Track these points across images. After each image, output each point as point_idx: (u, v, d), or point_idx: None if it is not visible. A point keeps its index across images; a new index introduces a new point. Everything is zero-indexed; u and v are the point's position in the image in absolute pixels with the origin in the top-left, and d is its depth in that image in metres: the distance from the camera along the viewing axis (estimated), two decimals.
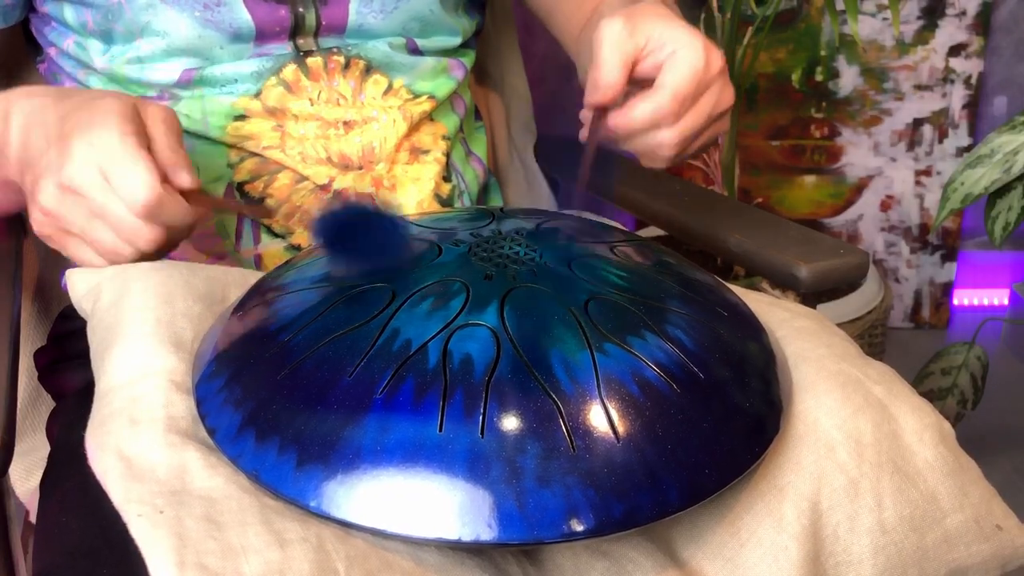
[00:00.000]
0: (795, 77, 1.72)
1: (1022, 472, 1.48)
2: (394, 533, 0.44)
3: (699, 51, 0.58)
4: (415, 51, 0.75)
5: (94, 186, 0.55)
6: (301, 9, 0.70)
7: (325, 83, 0.72)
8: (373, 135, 0.73)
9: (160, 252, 0.59)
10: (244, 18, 0.68)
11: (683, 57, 0.58)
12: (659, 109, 0.58)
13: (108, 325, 0.58)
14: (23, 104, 0.60)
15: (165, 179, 0.57)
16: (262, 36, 0.69)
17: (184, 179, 0.58)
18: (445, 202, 0.77)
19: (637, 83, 0.60)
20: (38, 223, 0.58)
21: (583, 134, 0.63)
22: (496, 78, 1.00)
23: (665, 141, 0.60)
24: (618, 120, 0.59)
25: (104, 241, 0.57)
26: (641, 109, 0.59)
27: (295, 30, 0.70)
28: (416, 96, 0.75)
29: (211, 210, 0.60)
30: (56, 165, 0.56)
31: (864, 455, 0.53)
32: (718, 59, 0.59)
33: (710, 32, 1.64)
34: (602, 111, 0.60)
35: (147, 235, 0.56)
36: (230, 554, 0.42)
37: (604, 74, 0.59)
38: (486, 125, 0.97)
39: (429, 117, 0.77)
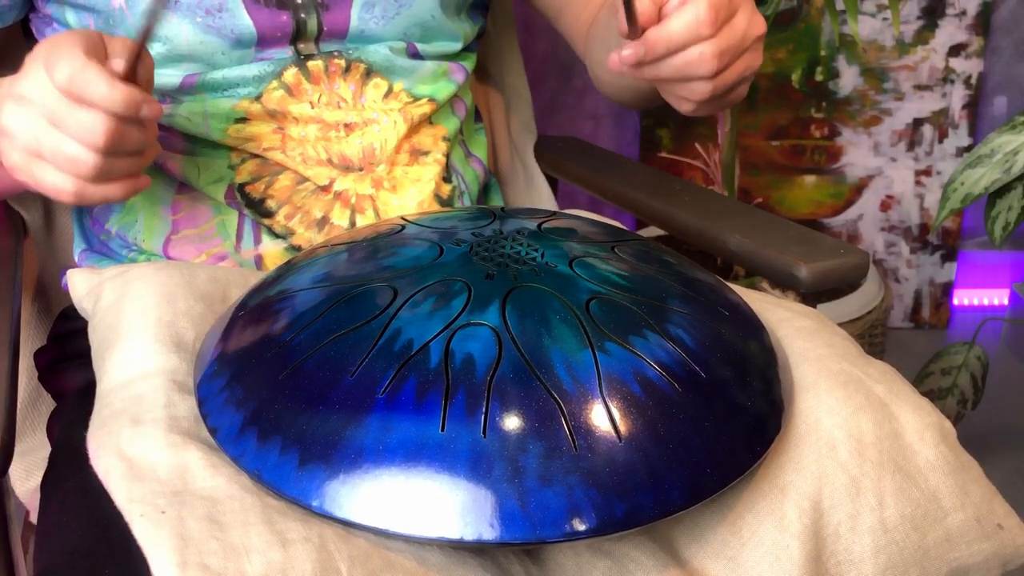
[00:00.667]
0: (795, 77, 1.72)
1: (1022, 472, 1.48)
2: (396, 533, 0.44)
3: None
4: (416, 55, 0.75)
5: (37, 86, 0.54)
6: (303, 15, 0.70)
7: (326, 86, 0.72)
8: (374, 137, 0.73)
9: (121, 163, 0.57)
10: (246, 24, 0.68)
11: None
12: (698, 17, 0.55)
13: (109, 325, 0.58)
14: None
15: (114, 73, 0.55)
16: (263, 42, 0.69)
17: (116, 64, 0.55)
18: (445, 202, 0.77)
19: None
20: (5, 151, 0.57)
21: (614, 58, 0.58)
22: (496, 78, 1.00)
23: (706, 55, 0.56)
24: (658, 34, 0.55)
25: (61, 148, 0.55)
26: (680, 18, 0.55)
27: (296, 35, 0.70)
28: (416, 99, 0.75)
29: (152, 100, 0.56)
30: (11, 84, 0.56)
31: (865, 454, 0.53)
32: None
33: None
34: (638, 35, 0.56)
35: (87, 122, 0.54)
36: (232, 554, 0.42)
37: None
38: (486, 126, 0.97)
39: (429, 120, 0.77)
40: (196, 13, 0.67)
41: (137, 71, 0.56)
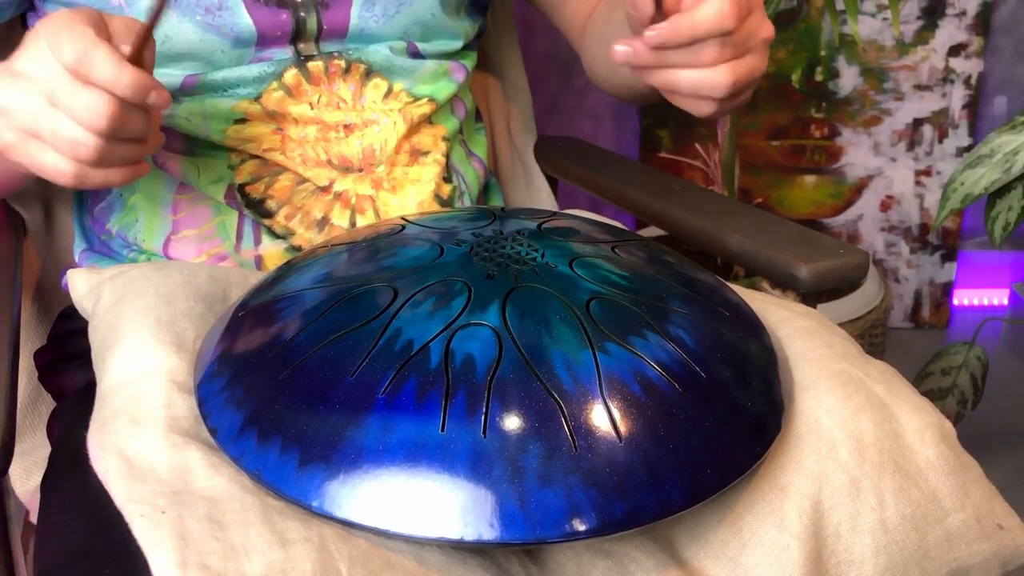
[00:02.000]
0: (795, 77, 1.72)
1: (1022, 472, 1.48)
2: (396, 533, 0.44)
3: None
4: (416, 55, 0.75)
5: (37, 61, 0.53)
6: (303, 14, 0.70)
7: (325, 87, 0.72)
8: (373, 137, 0.73)
9: (120, 150, 0.55)
10: (246, 23, 0.68)
11: None
12: (722, 9, 0.54)
13: (109, 325, 0.58)
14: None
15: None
16: (263, 41, 0.69)
17: (123, 48, 0.54)
18: (446, 203, 0.77)
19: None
20: (4, 137, 0.55)
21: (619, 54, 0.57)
22: (496, 78, 1.00)
23: (726, 51, 0.55)
24: (682, 21, 0.54)
25: (59, 130, 0.53)
26: (707, 8, 0.54)
27: (296, 35, 0.70)
28: (416, 99, 0.75)
29: (158, 83, 0.55)
30: (9, 62, 0.55)
31: (865, 454, 0.53)
32: None
33: None
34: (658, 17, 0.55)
35: (92, 105, 0.52)
36: (232, 554, 0.42)
37: None
38: (486, 125, 0.97)
39: (429, 120, 0.77)
40: (196, 11, 0.67)
41: (143, 56, 0.55)
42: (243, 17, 0.68)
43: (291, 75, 0.70)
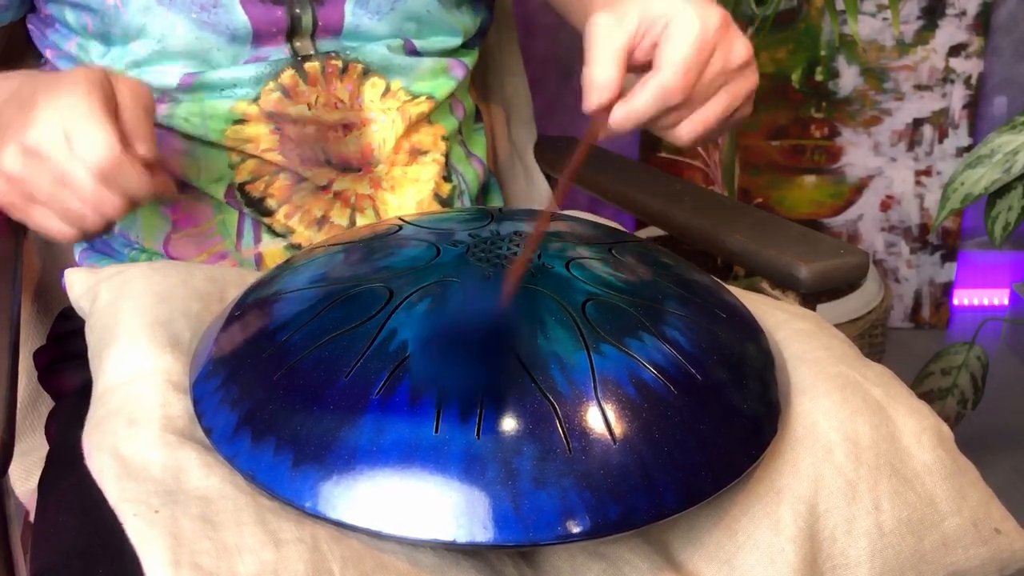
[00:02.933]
0: (795, 77, 1.72)
1: (1022, 473, 1.48)
2: (389, 534, 0.44)
3: (694, 15, 0.53)
4: (413, 52, 0.75)
5: (56, 147, 0.54)
6: (297, 10, 0.70)
7: (323, 88, 0.72)
8: (372, 136, 0.73)
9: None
10: (241, 19, 0.68)
11: (679, 26, 0.53)
12: (663, 89, 0.53)
13: (106, 324, 0.58)
14: None
15: (128, 147, 0.56)
16: (259, 38, 0.69)
17: (142, 148, 0.56)
18: (445, 202, 0.77)
19: (644, 69, 0.55)
20: (2, 192, 0.57)
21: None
22: (496, 78, 0.99)
23: (682, 119, 0.55)
24: (619, 114, 0.54)
25: (68, 206, 0.55)
26: (643, 97, 0.53)
27: (292, 32, 0.70)
28: (414, 97, 0.75)
29: (170, 182, 0.59)
30: (20, 128, 0.55)
31: (862, 457, 0.53)
32: (715, 16, 0.54)
33: None
34: (604, 111, 0.55)
35: (107, 200, 0.55)
36: (225, 554, 0.42)
37: (597, 73, 0.53)
38: (486, 125, 0.97)
39: (428, 119, 0.77)
40: (191, 9, 0.67)
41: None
42: (238, 14, 0.68)
43: (288, 75, 0.70)
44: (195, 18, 0.67)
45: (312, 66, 0.71)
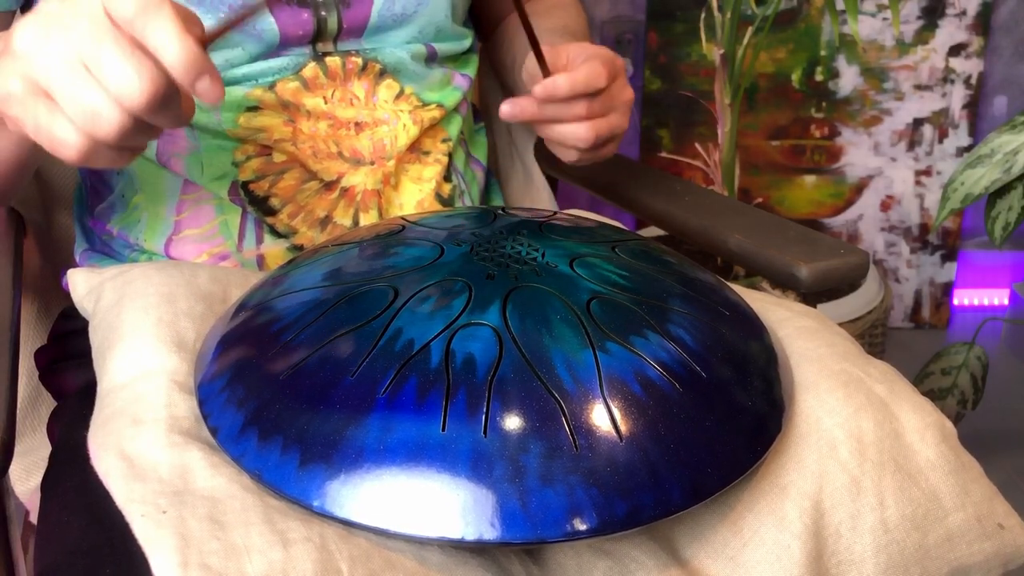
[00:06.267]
0: (795, 77, 1.72)
1: (1022, 472, 1.48)
2: (397, 532, 0.44)
3: (609, 51, 0.68)
4: (432, 57, 0.76)
5: (84, 13, 0.44)
6: (323, 13, 0.70)
7: (341, 83, 0.72)
8: (384, 135, 0.73)
9: (138, 136, 0.48)
10: (268, 21, 0.68)
11: (598, 50, 0.68)
12: (597, 71, 0.65)
13: (110, 325, 0.58)
14: None
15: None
16: (286, 41, 0.69)
17: (197, 31, 0.47)
18: (446, 201, 0.77)
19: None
20: (5, 85, 0.47)
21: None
22: (496, 78, 1.00)
23: (593, 108, 0.66)
24: (562, 79, 0.64)
25: (87, 98, 0.45)
26: (584, 69, 0.65)
27: (316, 36, 0.70)
28: (425, 104, 0.76)
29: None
30: (42, 6, 0.46)
31: (866, 454, 0.53)
32: (622, 59, 0.70)
33: (710, 32, 1.64)
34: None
35: (147, 83, 0.44)
36: (233, 554, 0.42)
37: (529, 63, 0.69)
38: (486, 125, 0.97)
39: (436, 123, 0.78)
40: (219, 9, 0.67)
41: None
42: (265, 16, 0.68)
43: (309, 68, 0.71)
44: (223, 19, 0.67)
45: (333, 60, 0.71)
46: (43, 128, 0.47)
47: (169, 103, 0.47)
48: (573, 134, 0.67)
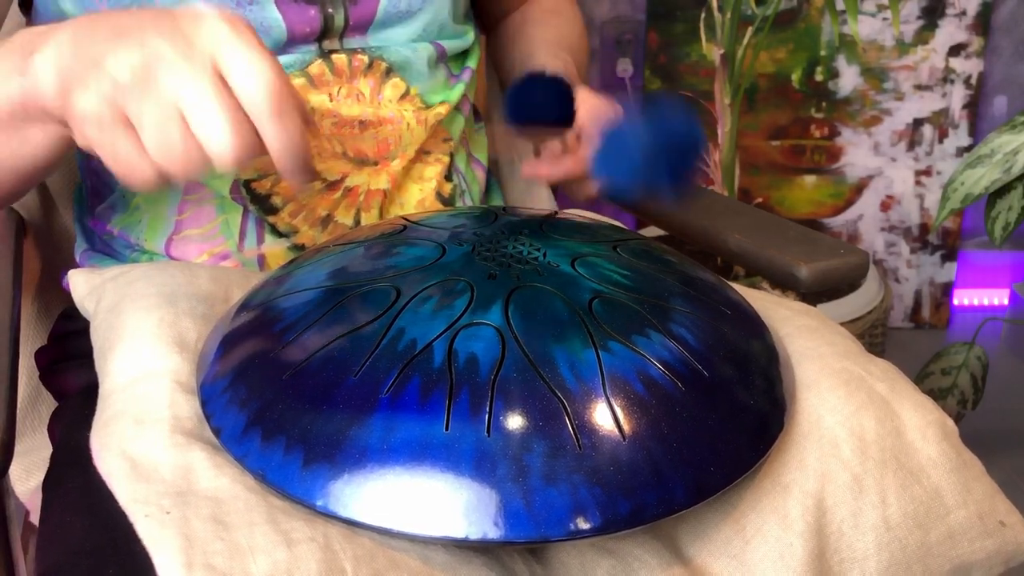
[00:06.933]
0: (795, 77, 1.72)
1: (1022, 472, 1.48)
2: (401, 532, 0.44)
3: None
4: (441, 56, 0.76)
5: (178, 44, 0.43)
6: (330, 9, 0.70)
7: (347, 80, 0.72)
8: (388, 133, 0.73)
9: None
10: (275, 17, 0.68)
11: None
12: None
13: (111, 326, 0.58)
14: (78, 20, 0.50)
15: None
16: (293, 38, 0.69)
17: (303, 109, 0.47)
18: (447, 201, 0.77)
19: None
20: (89, 104, 0.45)
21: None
22: (496, 78, 1.00)
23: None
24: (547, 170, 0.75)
25: (174, 147, 0.44)
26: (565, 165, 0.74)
27: (323, 33, 0.70)
28: (429, 106, 0.76)
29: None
30: (138, 30, 0.44)
31: (868, 452, 0.53)
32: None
33: (710, 32, 1.65)
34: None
35: (236, 152, 0.43)
36: (237, 554, 0.42)
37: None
38: (486, 125, 0.97)
39: (440, 123, 0.78)
40: (227, 4, 0.66)
41: None
42: (272, 11, 0.68)
43: (316, 65, 0.71)
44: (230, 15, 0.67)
45: (339, 58, 0.71)
46: (122, 159, 0.46)
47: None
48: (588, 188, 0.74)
